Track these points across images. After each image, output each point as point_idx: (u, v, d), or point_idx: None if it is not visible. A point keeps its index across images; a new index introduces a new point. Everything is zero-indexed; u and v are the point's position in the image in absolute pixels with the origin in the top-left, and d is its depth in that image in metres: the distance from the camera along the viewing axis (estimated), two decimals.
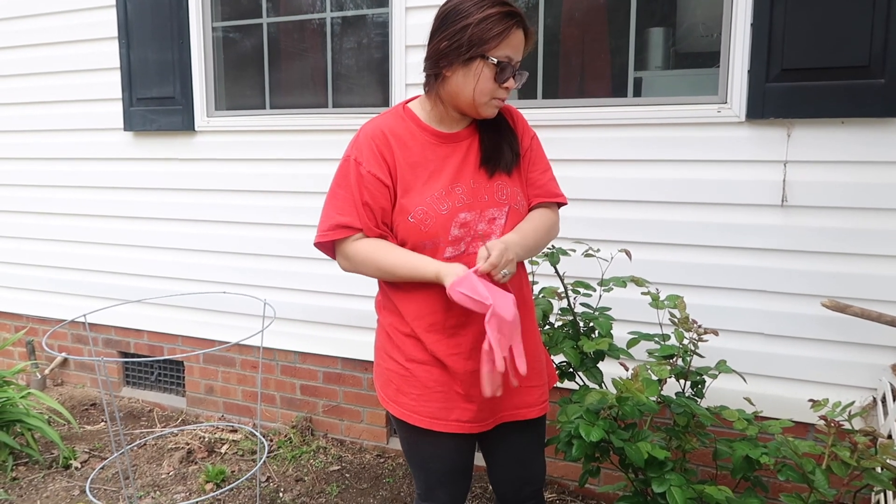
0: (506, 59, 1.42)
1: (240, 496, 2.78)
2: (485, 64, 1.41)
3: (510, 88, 1.46)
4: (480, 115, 1.50)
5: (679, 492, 1.65)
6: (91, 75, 3.50)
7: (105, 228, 3.60)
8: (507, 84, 1.44)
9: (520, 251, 1.47)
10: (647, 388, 1.64)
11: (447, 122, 1.54)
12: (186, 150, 3.33)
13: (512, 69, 1.44)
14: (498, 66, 1.41)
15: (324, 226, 1.53)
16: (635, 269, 2.32)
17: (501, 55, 1.41)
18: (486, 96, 1.45)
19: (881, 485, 1.57)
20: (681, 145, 2.44)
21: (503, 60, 1.41)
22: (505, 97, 1.48)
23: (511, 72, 1.44)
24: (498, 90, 1.45)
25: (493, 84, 1.44)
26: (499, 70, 1.42)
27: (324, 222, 1.53)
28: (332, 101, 3.09)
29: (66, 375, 3.95)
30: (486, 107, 1.48)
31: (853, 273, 2.27)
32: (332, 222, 1.50)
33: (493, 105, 1.48)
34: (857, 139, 2.21)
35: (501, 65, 1.41)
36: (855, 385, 2.31)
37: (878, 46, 2.13)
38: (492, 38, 1.39)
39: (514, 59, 1.43)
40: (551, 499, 2.71)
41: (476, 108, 1.47)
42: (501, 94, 1.47)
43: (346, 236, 1.50)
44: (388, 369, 1.61)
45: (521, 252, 1.49)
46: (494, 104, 1.48)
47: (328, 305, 3.12)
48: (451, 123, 1.54)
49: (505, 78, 1.43)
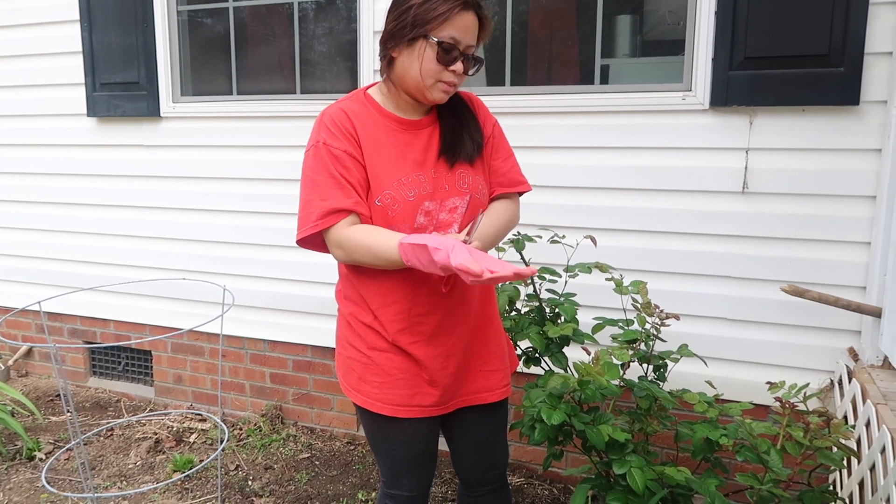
0: (450, 40, 1.39)
1: (208, 485, 2.76)
2: (427, 44, 1.40)
3: (458, 73, 1.43)
4: (428, 100, 1.47)
5: (639, 473, 1.67)
6: (53, 59, 3.42)
7: (69, 216, 3.54)
8: (453, 67, 1.42)
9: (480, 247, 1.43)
10: (607, 372, 1.66)
11: (404, 108, 1.52)
12: (152, 136, 3.28)
13: (459, 52, 1.41)
14: (440, 46, 1.39)
15: (311, 217, 1.44)
16: (600, 255, 2.34)
17: (445, 36, 1.39)
18: (430, 78, 1.43)
19: (833, 463, 1.61)
20: (646, 132, 2.46)
21: (447, 41, 1.39)
22: (453, 81, 1.44)
23: (458, 55, 1.41)
24: (444, 73, 1.42)
25: (437, 66, 1.41)
26: (441, 51, 1.39)
27: (309, 214, 1.45)
28: (301, 86, 3.06)
29: (31, 366, 3.88)
30: (433, 90, 1.45)
31: (812, 258, 2.31)
32: (320, 211, 1.43)
33: (440, 89, 1.45)
34: (817, 127, 2.25)
35: (444, 45, 1.39)
36: (814, 368, 2.36)
37: (837, 35, 2.16)
38: (434, 18, 1.37)
39: (461, 41, 1.41)
40: (519, 483, 2.74)
41: (423, 91, 1.45)
42: (448, 78, 1.43)
43: (337, 222, 1.43)
44: (349, 357, 1.60)
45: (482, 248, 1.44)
46: (441, 88, 1.44)
47: (297, 293, 3.10)
48: (409, 110, 1.52)
49: (450, 60, 1.41)
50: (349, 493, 2.71)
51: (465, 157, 1.52)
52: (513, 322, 2.14)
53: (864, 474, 1.89)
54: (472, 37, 1.43)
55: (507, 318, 2.16)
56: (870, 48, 2.15)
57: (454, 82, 1.45)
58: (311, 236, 1.47)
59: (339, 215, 1.43)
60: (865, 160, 2.21)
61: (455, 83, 1.45)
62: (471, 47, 1.44)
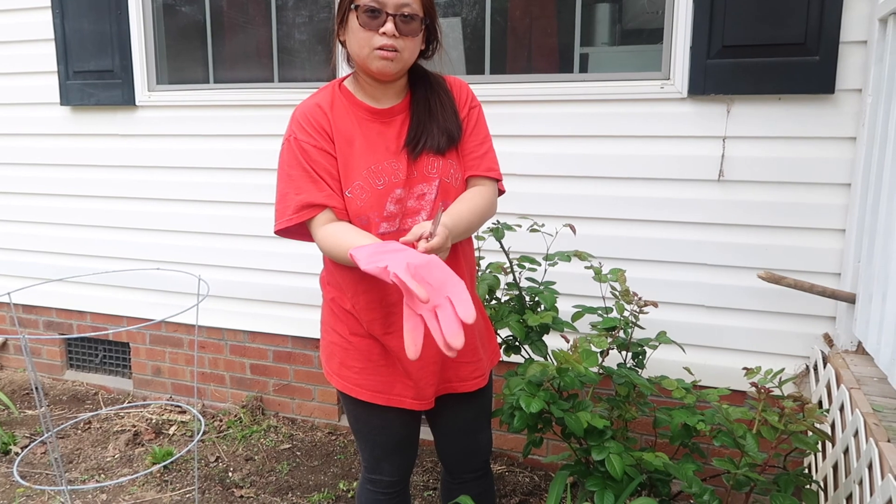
0: (372, 2, 1.37)
1: (187, 477, 2.74)
2: (353, 13, 1.41)
3: (389, 34, 1.38)
4: (374, 72, 1.44)
5: (617, 459, 1.69)
6: (24, 46, 3.35)
7: (42, 206, 3.47)
8: (383, 30, 1.38)
9: (452, 235, 1.40)
10: (585, 359, 1.67)
11: (373, 94, 1.51)
12: (127, 125, 3.22)
13: (387, 14, 1.38)
14: (359, 10, 1.38)
15: (286, 210, 1.45)
16: (580, 243, 2.35)
17: (366, 0, 1.38)
18: (365, 47, 1.41)
19: (808, 447, 1.64)
20: (625, 121, 2.46)
21: (368, 4, 1.37)
22: (389, 44, 1.39)
23: (385, 17, 1.38)
24: (374, 38, 1.39)
25: (366, 32, 1.39)
26: (363, 15, 1.38)
27: (285, 207, 1.46)
28: (279, 75, 3.02)
29: (7, 359, 3.82)
30: (371, 60, 1.41)
31: (787, 246, 2.34)
32: (295, 204, 1.44)
33: (378, 56, 1.40)
34: (793, 115, 2.27)
35: (364, 8, 1.38)
36: (790, 354, 2.39)
37: (813, 24, 2.18)
38: None
39: (385, 2, 1.37)
40: (500, 471, 2.75)
41: (365, 64, 1.43)
42: (379, 42, 1.39)
43: (312, 216, 1.44)
44: (331, 342, 1.61)
45: (454, 236, 1.42)
46: (379, 55, 1.40)
47: (277, 283, 3.08)
48: (378, 96, 1.51)
49: (376, 24, 1.38)
50: (330, 482, 2.71)
51: (430, 148, 1.50)
52: (493, 311, 2.15)
53: (837, 457, 1.93)
54: None
55: (488, 307, 2.17)
56: (845, 37, 2.17)
57: (390, 45, 1.39)
58: (289, 227, 1.48)
59: (314, 210, 1.45)
60: (840, 148, 2.24)
61: (392, 46, 1.40)
62: (404, 6, 1.39)
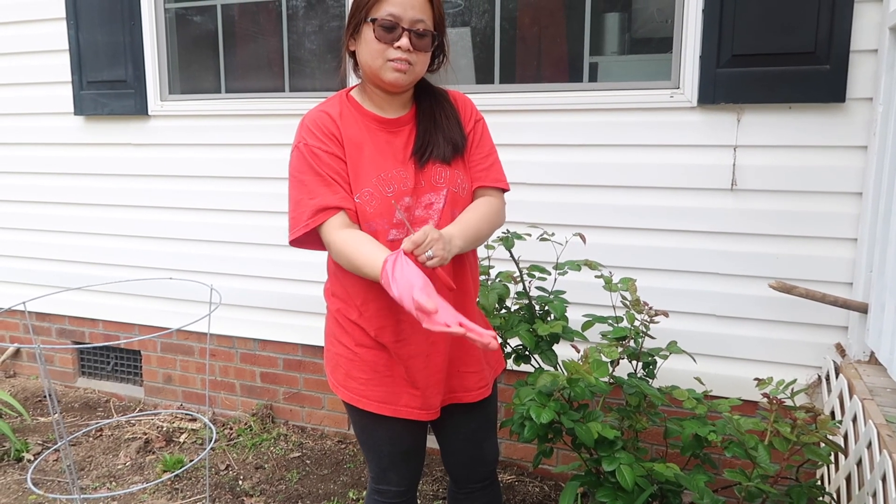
0: (389, 17, 1.40)
1: (198, 485, 2.75)
2: (368, 26, 1.43)
3: (404, 49, 1.41)
4: (386, 83, 1.46)
5: (628, 470, 1.68)
6: (39, 57, 3.39)
7: (56, 215, 3.51)
8: (398, 44, 1.41)
9: (460, 242, 1.43)
10: (596, 370, 1.66)
11: (381, 104, 1.53)
12: (139, 134, 3.25)
13: (402, 28, 1.41)
14: (377, 23, 1.41)
15: (302, 216, 1.46)
16: (590, 252, 2.35)
17: (383, 13, 1.41)
18: (378, 59, 1.43)
19: (820, 459, 1.62)
20: (635, 130, 2.46)
21: (385, 18, 1.40)
22: (402, 58, 1.42)
23: (400, 31, 1.41)
24: (389, 51, 1.42)
25: (380, 45, 1.42)
26: (380, 28, 1.41)
27: (300, 214, 1.46)
28: (289, 84, 3.05)
29: (20, 367, 3.86)
30: (384, 71, 1.44)
31: (799, 255, 2.33)
32: (311, 209, 1.44)
33: (391, 68, 1.43)
34: (803, 124, 2.26)
35: (381, 22, 1.40)
36: (802, 364, 2.37)
37: (823, 33, 2.17)
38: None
39: (402, 17, 1.41)
40: (510, 480, 2.74)
41: (378, 75, 1.45)
42: (394, 55, 1.42)
43: (327, 219, 1.44)
44: (337, 354, 1.61)
45: (462, 243, 1.44)
46: (392, 67, 1.43)
47: (287, 292, 3.09)
48: (386, 107, 1.53)
49: (392, 37, 1.41)
50: (340, 491, 2.71)
51: (437, 157, 1.52)
52: (503, 320, 2.14)
53: (850, 469, 1.91)
54: (415, 11, 1.43)
55: (497, 317, 2.17)
56: (855, 46, 2.16)
57: (403, 59, 1.43)
58: (303, 235, 1.48)
59: (329, 212, 1.45)
60: (851, 157, 2.23)
61: (405, 59, 1.43)
62: (419, 22, 1.43)
